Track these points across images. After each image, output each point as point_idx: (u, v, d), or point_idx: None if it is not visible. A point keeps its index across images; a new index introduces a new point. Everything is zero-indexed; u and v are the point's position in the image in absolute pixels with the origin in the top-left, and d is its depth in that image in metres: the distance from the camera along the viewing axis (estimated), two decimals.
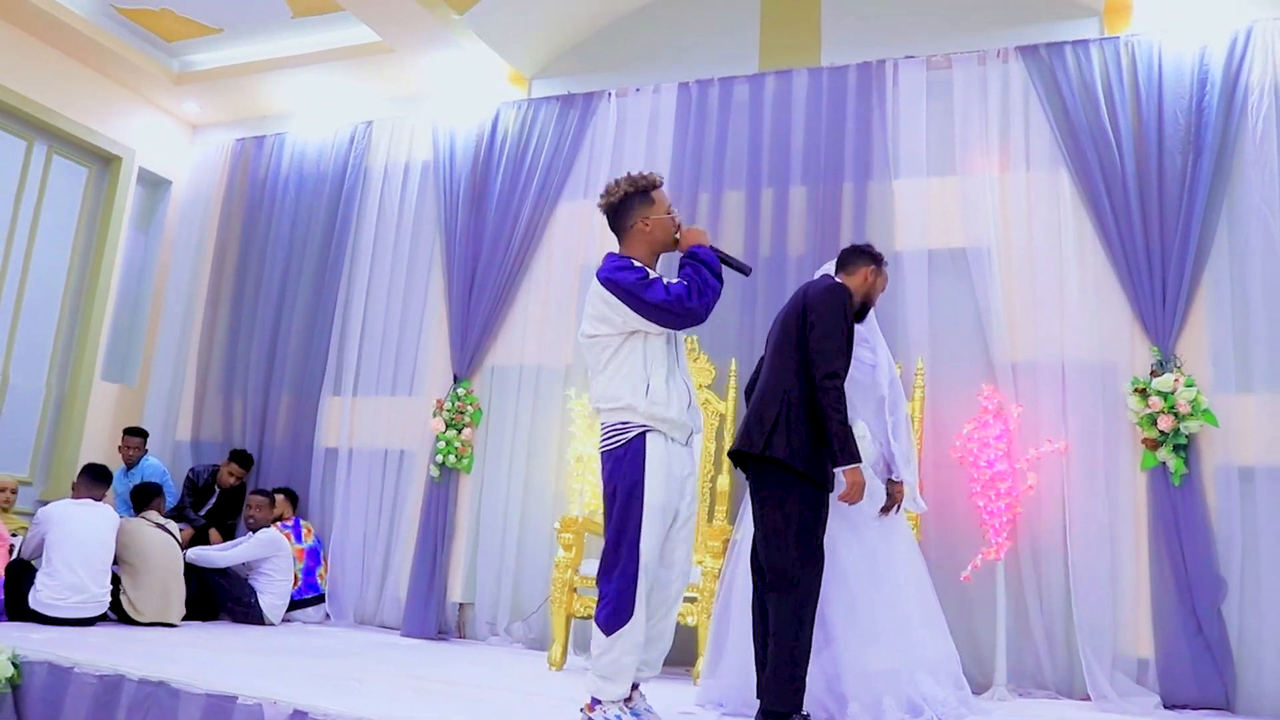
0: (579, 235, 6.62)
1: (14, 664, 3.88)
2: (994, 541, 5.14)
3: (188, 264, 7.94)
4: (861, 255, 4.06)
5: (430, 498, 6.55)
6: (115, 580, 5.37)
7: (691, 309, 3.26)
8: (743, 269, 3.55)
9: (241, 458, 6.97)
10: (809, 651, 3.50)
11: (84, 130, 7.51)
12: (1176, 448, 5.03)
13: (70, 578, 5.08)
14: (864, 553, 3.93)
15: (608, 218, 3.59)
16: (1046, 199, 5.61)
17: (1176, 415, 4.99)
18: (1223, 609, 4.89)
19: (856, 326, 3.93)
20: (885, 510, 4.03)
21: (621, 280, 3.29)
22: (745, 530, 3.97)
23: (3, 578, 5.38)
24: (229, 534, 6.89)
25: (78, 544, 5.16)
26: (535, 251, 6.72)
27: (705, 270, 3.34)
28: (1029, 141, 5.71)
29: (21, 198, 7.28)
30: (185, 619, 5.71)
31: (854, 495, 3.57)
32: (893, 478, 4.08)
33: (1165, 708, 4.84)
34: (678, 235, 3.54)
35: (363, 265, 7.23)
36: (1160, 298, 5.24)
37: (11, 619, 5.17)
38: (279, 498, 6.67)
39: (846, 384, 3.69)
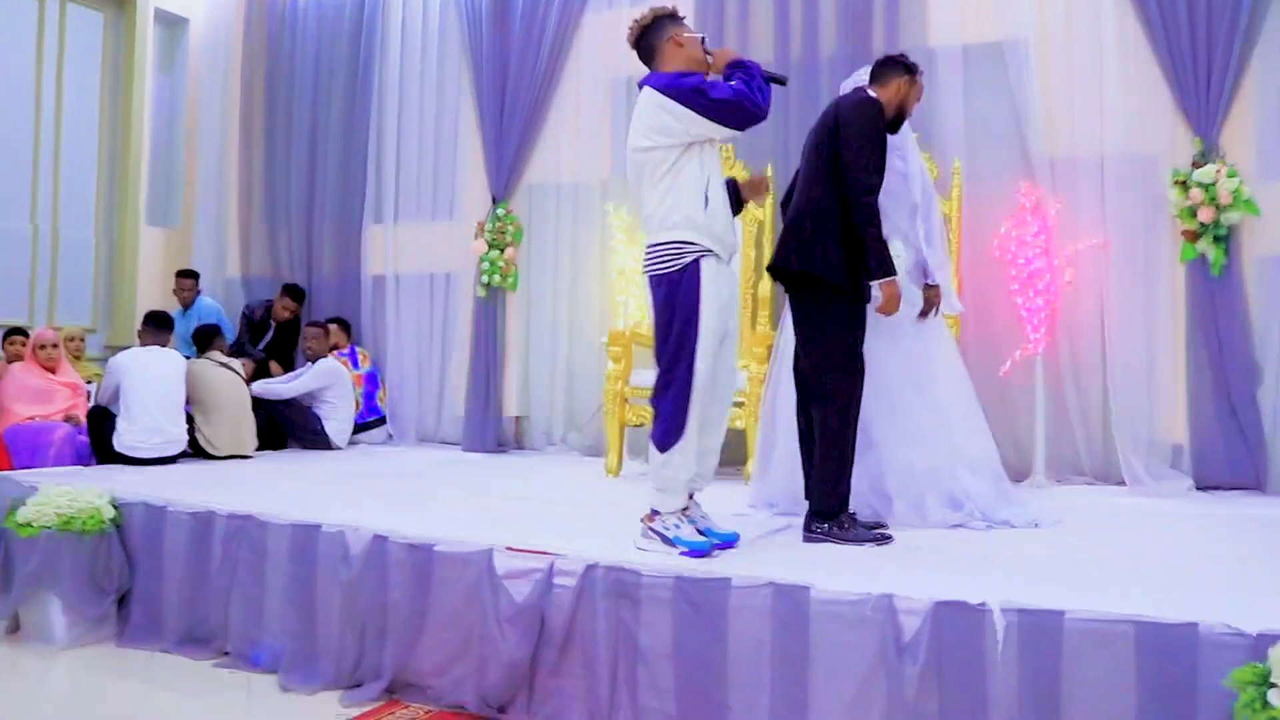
0: (607, 47, 6.50)
1: (114, 505, 4.18)
2: (1032, 337, 5.26)
3: (215, 102, 7.94)
4: (895, 66, 3.97)
5: (479, 317, 6.74)
6: (190, 419, 5.66)
7: (759, 103, 3.24)
8: (779, 80, 3.50)
9: (294, 291, 7.17)
10: (853, 455, 3.69)
11: None
12: (1216, 239, 5.03)
13: (148, 421, 5.37)
14: (902, 359, 4.07)
15: (639, 47, 3.53)
16: None
17: (1217, 206, 4.97)
18: (1258, 395, 5.02)
19: (889, 137, 3.93)
20: (923, 315, 4.14)
21: (684, 84, 3.25)
22: (787, 336, 4.11)
23: (85, 424, 5.70)
24: (288, 365, 7.16)
25: (151, 389, 5.41)
26: (563, 66, 6.64)
27: (754, 73, 3.31)
28: None
29: (42, 52, 7.23)
30: (258, 450, 6.04)
31: (890, 307, 3.68)
32: (928, 282, 4.16)
33: (1197, 489, 5.05)
34: (708, 56, 3.49)
35: (391, 92, 7.20)
36: (1205, 85, 5.12)
37: (100, 462, 5.51)
38: (333, 327, 6.90)
39: (880, 194, 3.73)
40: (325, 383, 6.43)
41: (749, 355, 5.28)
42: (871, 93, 3.90)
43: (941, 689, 2.73)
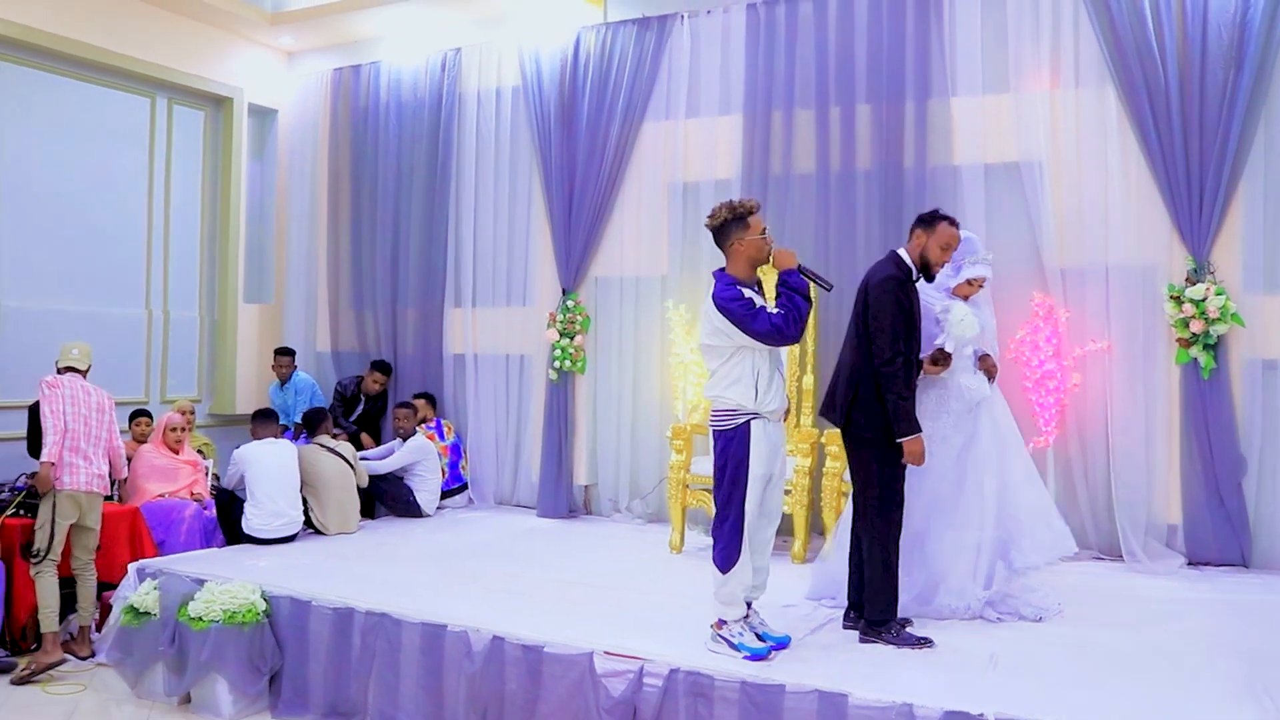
0: (665, 153, 7.28)
1: (264, 599, 5.00)
2: (1044, 431, 5.98)
3: (304, 188, 8.79)
4: (916, 223, 4.51)
5: (551, 396, 7.54)
6: (304, 500, 6.48)
7: (789, 335, 4.03)
8: (825, 285, 4.25)
9: (383, 367, 8.02)
10: (896, 570, 4.39)
11: (196, 79, 8.24)
12: (1206, 346, 5.72)
13: (272, 506, 6.20)
14: (954, 460, 4.69)
15: (713, 235, 4.28)
16: (1094, 114, 6.10)
17: (1207, 320, 5.66)
18: (1243, 483, 5.73)
19: (927, 289, 4.62)
20: (990, 376, 4.81)
21: (734, 310, 4.02)
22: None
23: (208, 500, 6.56)
24: (376, 435, 7.98)
25: (273, 478, 6.24)
26: (625, 169, 7.40)
27: (798, 298, 4.07)
28: (1078, 58, 6.14)
29: (154, 149, 8.11)
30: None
31: (915, 461, 4.32)
32: (982, 353, 4.80)
33: (1189, 564, 5.76)
34: (770, 254, 4.20)
35: (468, 187, 8.00)
36: (1197, 207, 5.80)
37: (228, 540, 6.36)
38: (420, 402, 7.72)
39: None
40: (417, 458, 7.24)
41: (795, 450, 6.03)
42: (903, 251, 4.51)
43: None
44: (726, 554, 4.12)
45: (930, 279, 4.57)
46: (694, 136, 7.19)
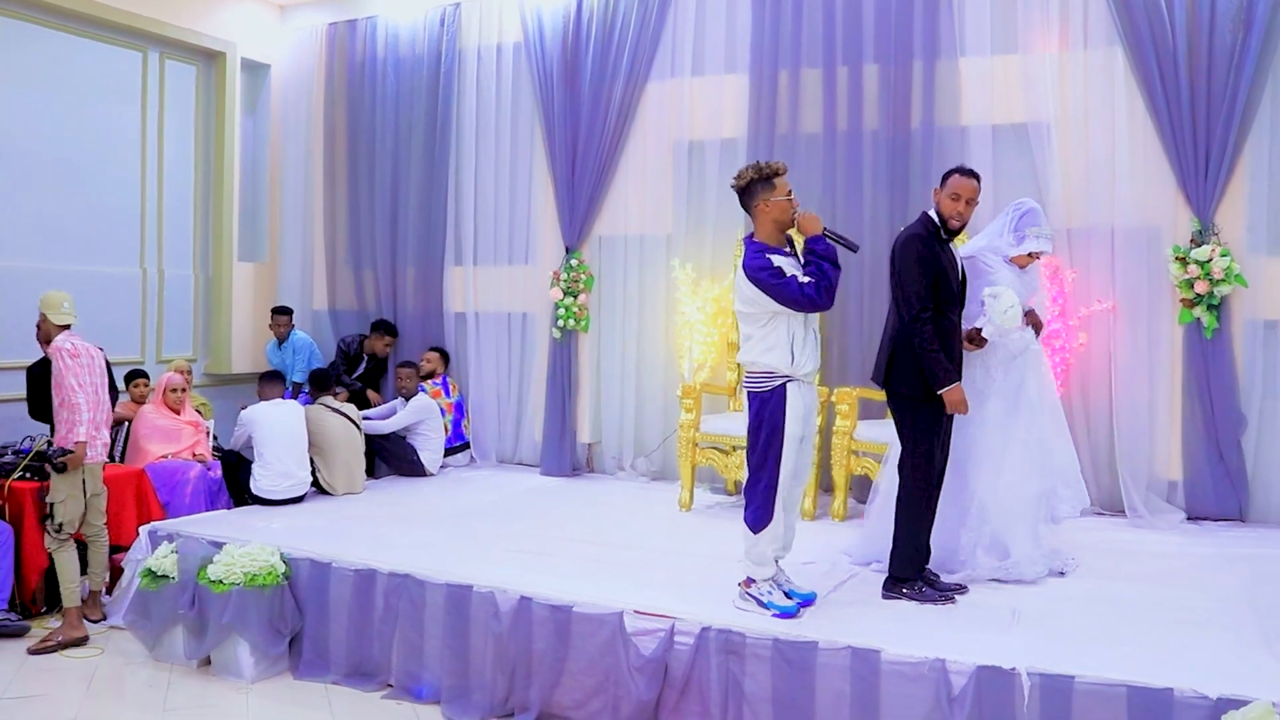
0: (670, 112, 7.24)
1: (284, 561, 5.01)
2: None
3: (299, 145, 8.66)
4: (941, 181, 4.54)
5: (554, 354, 7.54)
6: (311, 462, 6.46)
7: (820, 303, 4.05)
8: (852, 247, 4.27)
9: (389, 328, 7.99)
10: (929, 529, 4.45)
11: (189, 33, 8.08)
12: (1210, 306, 5.81)
13: (280, 467, 6.18)
14: (997, 409, 4.70)
15: (739, 197, 4.28)
16: (1102, 76, 6.12)
17: (1211, 280, 5.74)
18: (1242, 440, 5.85)
19: (986, 253, 4.69)
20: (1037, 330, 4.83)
21: (764, 280, 4.04)
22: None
23: (211, 462, 6.54)
24: (379, 392, 7.97)
25: (280, 439, 6.22)
26: (630, 128, 7.35)
27: (826, 264, 4.08)
28: (1087, 19, 6.15)
29: (146, 105, 7.97)
30: None
31: (959, 409, 4.34)
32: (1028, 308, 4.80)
33: (1189, 520, 5.90)
34: (794, 218, 4.21)
35: (468, 144, 7.92)
36: (1203, 169, 5.86)
37: (236, 502, 6.35)
38: (433, 355, 7.76)
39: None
40: (421, 417, 7.23)
41: None
42: (930, 211, 4.50)
43: None
44: (760, 514, 4.16)
45: (949, 232, 4.51)
46: (699, 95, 7.15)
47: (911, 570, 4.44)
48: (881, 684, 3.77)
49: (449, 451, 7.58)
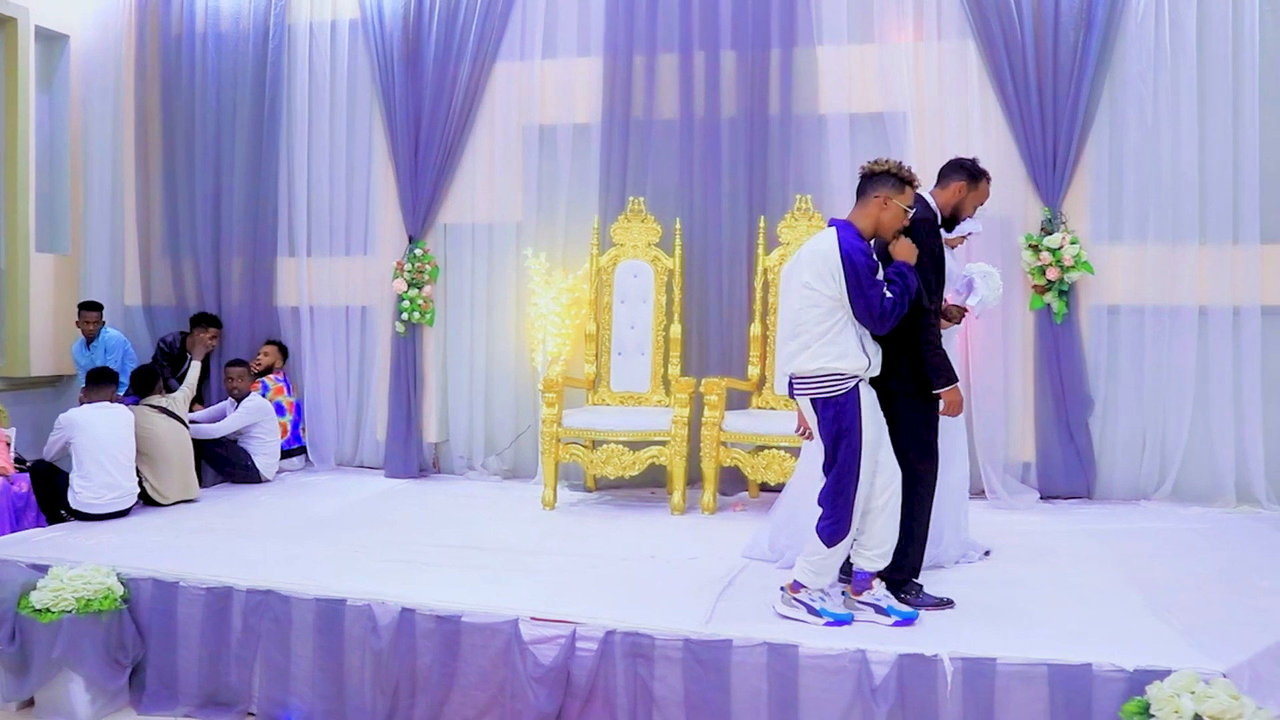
0: (519, 95, 6.94)
1: (122, 582, 4.45)
2: None
3: (105, 126, 7.86)
4: (958, 171, 4.33)
5: (397, 350, 7.09)
6: (137, 470, 5.82)
7: (883, 323, 3.78)
8: (922, 301, 3.94)
9: (213, 320, 7.31)
10: (927, 529, 4.21)
11: None
12: (1060, 292, 6.02)
13: (104, 478, 5.53)
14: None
15: (862, 179, 3.98)
16: (955, 67, 6.26)
17: (1061, 267, 5.95)
18: (1089, 421, 6.10)
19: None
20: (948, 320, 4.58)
21: (859, 266, 3.74)
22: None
23: (18, 475, 5.81)
24: (199, 396, 7.27)
25: (104, 446, 5.56)
26: (477, 111, 7.00)
27: (908, 296, 3.82)
28: (940, 11, 6.27)
29: None
30: None
31: (953, 410, 4.11)
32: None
33: (1042, 499, 6.10)
34: (898, 233, 3.95)
35: (300, 127, 7.35)
36: (1051, 160, 6.07)
37: (50, 519, 5.66)
38: (270, 349, 7.22)
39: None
40: (255, 419, 6.67)
41: (674, 401, 5.94)
42: (928, 195, 4.27)
43: None
44: (836, 528, 3.83)
45: (951, 230, 4.39)
46: (551, 78, 6.89)
47: (907, 575, 4.15)
48: (800, 679, 3.64)
49: (283, 455, 7.03)
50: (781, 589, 3.99)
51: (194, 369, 6.83)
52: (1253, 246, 5.91)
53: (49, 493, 5.69)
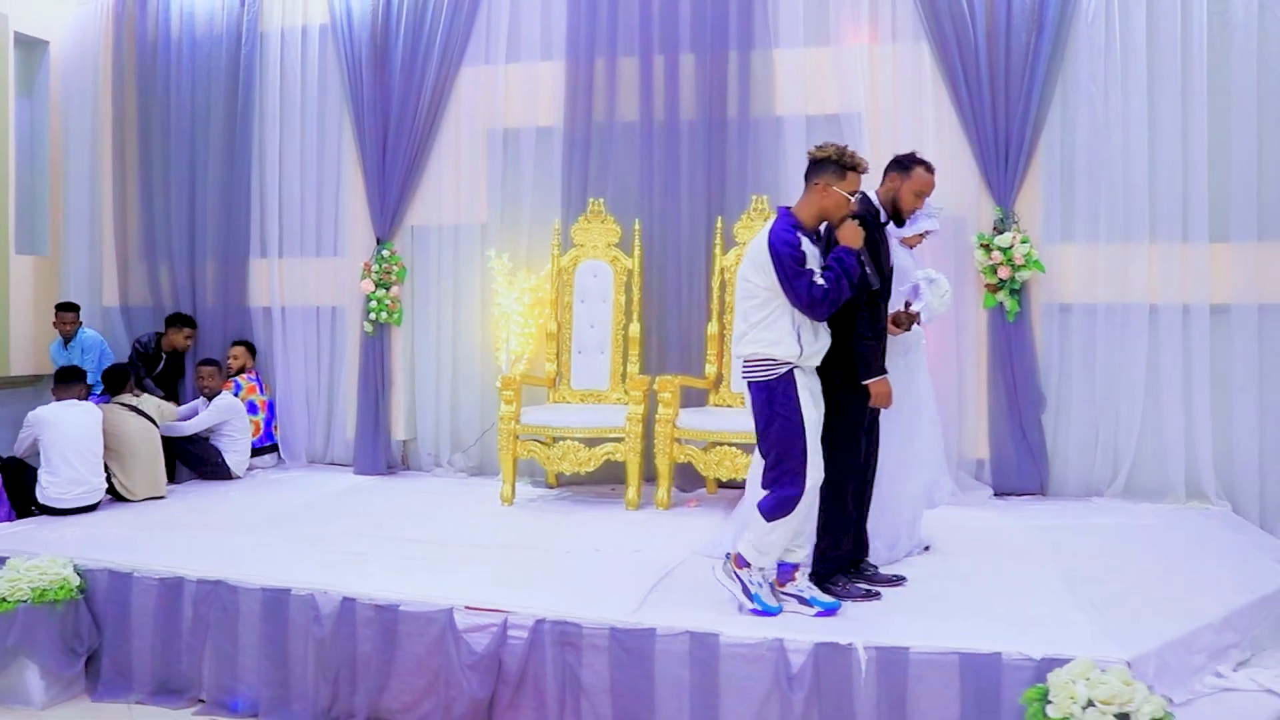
0: (484, 99, 7.08)
1: (78, 573, 4.58)
2: None
3: (84, 130, 8.02)
4: (891, 165, 4.39)
5: (366, 349, 7.22)
6: (106, 467, 5.96)
7: (817, 311, 3.86)
8: (868, 284, 4.03)
9: (188, 320, 7.46)
10: (850, 521, 4.26)
11: None
12: (1012, 291, 6.10)
13: (71, 473, 5.68)
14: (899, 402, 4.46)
15: (809, 164, 4.02)
16: (910, 69, 6.35)
17: (1013, 266, 6.04)
18: (1042, 418, 6.18)
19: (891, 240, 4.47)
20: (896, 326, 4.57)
21: (784, 259, 3.82)
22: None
23: None
24: (172, 395, 7.42)
25: (71, 442, 5.71)
26: (443, 115, 7.13)
27: (845, 281, 3.87)
28: (895, 14, 6.36)
29: None
30: None
31: (883, 402, 4.15)
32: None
33: (995, 495, 6.18)
34: (841, 219, 3.99)
35: (272, 131, 7.50)
36: (1003, 160, 6.16)
37: (19, 514, 5.79)
38: (239, 349, 7.33)
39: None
40: (225, 417, 6.80)
41: (628, 398, 6.05)
42: (872, 194, 4.31)
43: (821, 710, 3.65)
44: (775, 505, 3.90)
45: (900, 224, 4.47)
46: (515, 82, 7.01)
47: (831, 566, 4.24)
48: (720, 667, 3.75)
49: (255, 452, 7.16)
50: (725, 555, 4.08)
51: (200, 420, 6.85)
52: (1201, 245, 5.98)
53: (19, 488, 5.83)
